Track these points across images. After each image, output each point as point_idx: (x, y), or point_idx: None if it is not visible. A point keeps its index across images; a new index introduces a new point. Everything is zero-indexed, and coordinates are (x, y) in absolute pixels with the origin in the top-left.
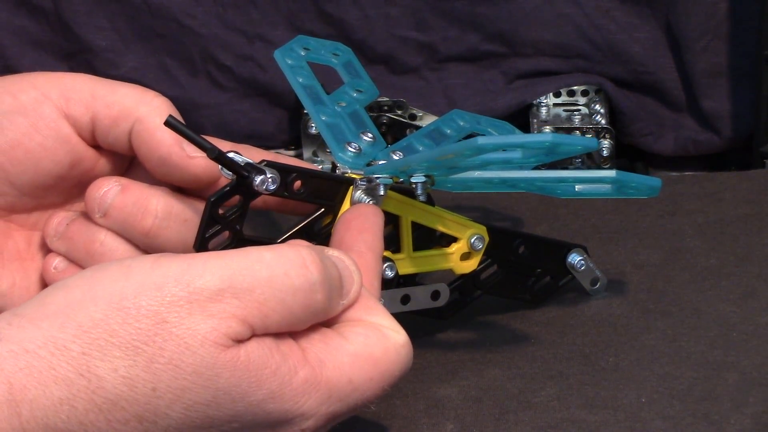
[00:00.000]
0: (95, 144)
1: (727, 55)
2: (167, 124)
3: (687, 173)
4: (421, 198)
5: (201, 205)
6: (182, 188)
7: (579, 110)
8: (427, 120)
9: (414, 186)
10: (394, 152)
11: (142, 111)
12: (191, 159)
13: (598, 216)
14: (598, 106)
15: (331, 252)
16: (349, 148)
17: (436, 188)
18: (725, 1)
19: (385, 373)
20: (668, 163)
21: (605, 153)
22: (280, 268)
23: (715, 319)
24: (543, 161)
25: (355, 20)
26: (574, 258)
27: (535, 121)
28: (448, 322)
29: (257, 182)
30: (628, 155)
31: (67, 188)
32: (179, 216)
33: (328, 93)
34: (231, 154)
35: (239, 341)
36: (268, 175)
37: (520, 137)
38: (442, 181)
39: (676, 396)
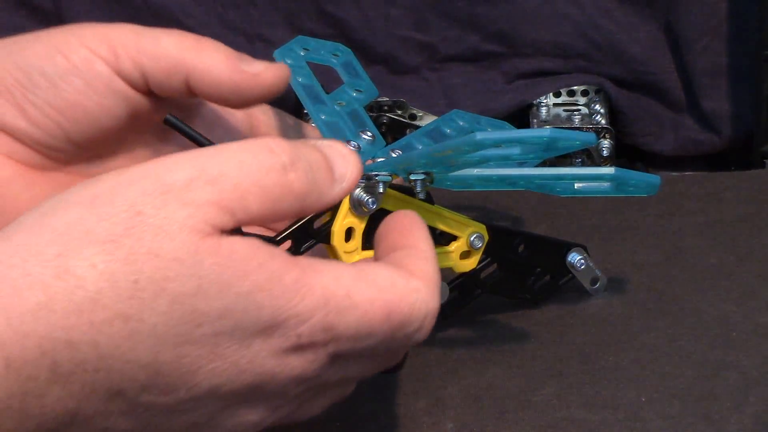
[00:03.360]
0: (151, 92)
1: (727, 55)
2: (166, 122)
3: (687, 173)
4: (420, 196)
5: None
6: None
7: (579, 110)
8: (427, 120)
9: (413, 184)
10: (393, 151)
11: (190, 59)
12: (256, 76)
13: (598, 216)
14: (598, 106)
15: (313, 141)
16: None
17: (435, 186)
18: (725, 1)
19: (390, 305)
20: (668, 163)
21: (605, 153)
22: (247, 153)
23: (715, 319)
24: (542, 157)
25: (355, 20)
26: (574, 257)
27: (535, 121)
28: (448, 321)
29: None
30: (628, 155)
31: (126, 136)
32: None
33: (327, 93)
34: None
35: (222, 232)
36: None
37: (517, 132)
38: (441, 179)
39: (676, 395)
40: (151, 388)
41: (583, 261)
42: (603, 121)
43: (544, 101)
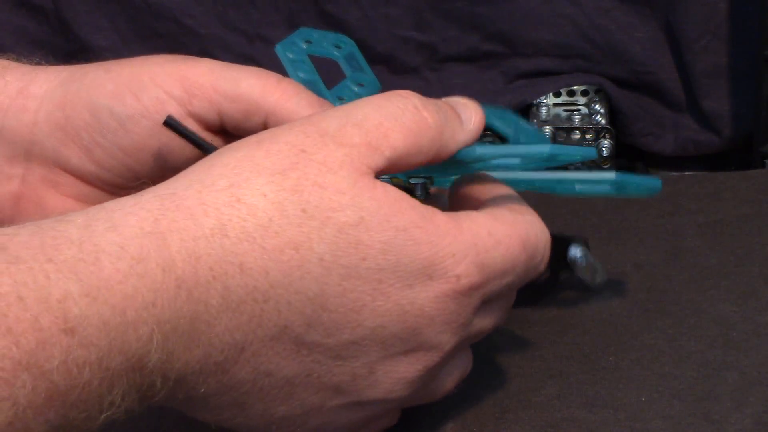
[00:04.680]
0: (222, 131)
1: (727, 55)
2: (166, 124)
3: (687, 173)
4: (420, 198)
5: None
6: None
7: (579, 110)
8: None
9: (413, 186)
10: None
11: (270, 102)
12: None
13: (598, 216)
14: (598, 106)
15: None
16: None
17: (435, 186)
18: (725, 1)
19: (523, 236)
20: (668, 163)
21: (605, 153)
22: (382, 99)
23: (715, 319)
24: (542, 167)
25: (355, 20)
26: (575, 252)
27: (535, 121)
28: None
29: None
30: (628, 155)
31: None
32: None
33: (329, 87)
34: None
35: (375, 172)
36: None
37: (518, 148)
38: (441, 182)
39: (677, 395)
40: (316, 325)
41: (583, 256)
42: (603, 121)
43: (544, 101)
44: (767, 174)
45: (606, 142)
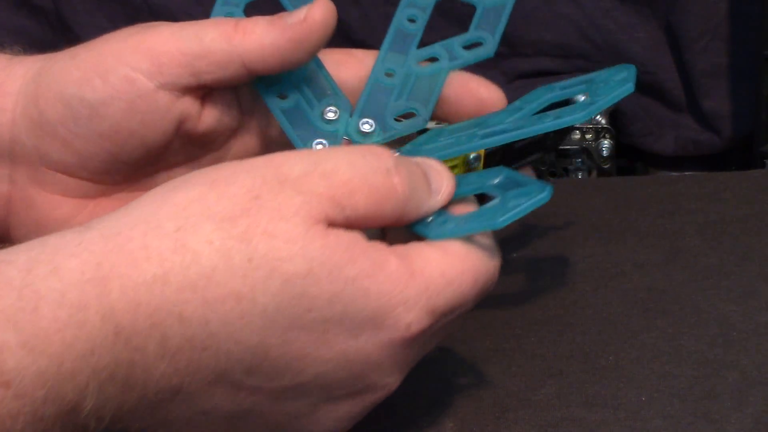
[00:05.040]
0: (200, 89)
1: (727, 55)
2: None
3: (687, 173)
4: None
5: None
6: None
7: None
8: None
9: None
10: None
11: (238, 46)
12: (305, 23)
13: (598, 216)
14: None
15: (410, 158)
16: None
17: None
18: (725, 1)
19: (475, 270)
20: (668, 163)
21: (605, 153)
22: (356, 153)
23: (715, 318)
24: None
25: (355, 20)
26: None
27: None
28: None
29: None
30: (628, 155)
31: (181, 145)
32: None
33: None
34: None
35: (329, 224)
36: None
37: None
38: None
39: (677, 395)
40: (256, 371)
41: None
42: (603, 121)
43: None
44: (767, 174)
45: (606, 142)
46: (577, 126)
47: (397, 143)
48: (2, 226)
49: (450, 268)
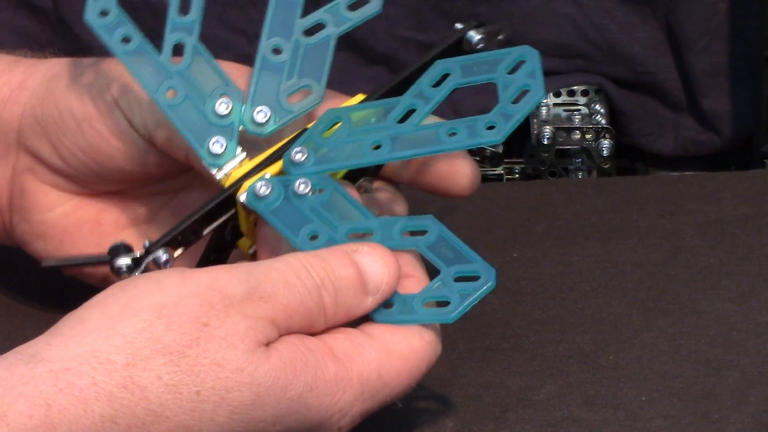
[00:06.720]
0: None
1: (727, 55)
2: (45, 267)
3: (687, 173)
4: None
5: None
6: None
7: (579, 110)
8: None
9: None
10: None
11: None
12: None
13: (598, 216)
14: (598, 106)
15: (352, 248)
16: (213, 149)
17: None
18: (725, 1)
19: (413, 369)
20: (668, 163)
21: (605, 153)
22: (291, 274)
23: (715, 318)
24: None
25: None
26: (471, 37)
27: (535, 121)
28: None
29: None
30: (628, 155)
31: (167, 169)
32: None
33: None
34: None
35: (269, 343)
36: (162, 257)
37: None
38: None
39: (676, 394)
40: None
41: (479, 37)
42: (603, 121)
43: (544, 101)
44: (767, 174)
45: (606, 142)
46: (578, 126)
47: (295, 126)
48: (6, 212)
49: (389, 369)
